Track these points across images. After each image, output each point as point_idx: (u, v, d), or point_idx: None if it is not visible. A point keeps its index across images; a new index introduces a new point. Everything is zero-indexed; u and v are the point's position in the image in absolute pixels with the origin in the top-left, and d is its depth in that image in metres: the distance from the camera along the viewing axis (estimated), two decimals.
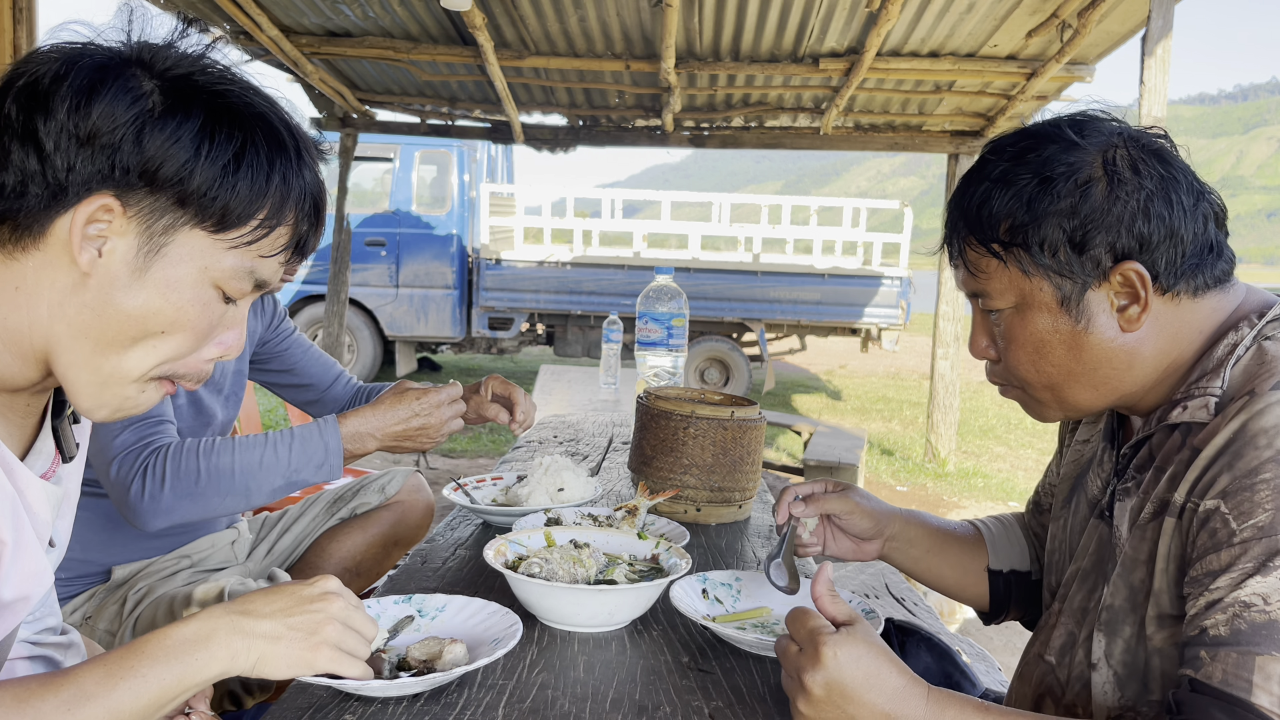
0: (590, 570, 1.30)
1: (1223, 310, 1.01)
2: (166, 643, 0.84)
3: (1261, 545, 0.83)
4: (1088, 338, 1.01)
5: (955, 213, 1.06)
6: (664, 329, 2.91)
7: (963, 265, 1.07)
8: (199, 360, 0.91)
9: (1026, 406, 1.12)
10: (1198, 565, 0.88)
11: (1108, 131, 1.00)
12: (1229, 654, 0.82)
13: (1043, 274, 1.00)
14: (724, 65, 5.69)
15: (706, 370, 10.06)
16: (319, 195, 0.93)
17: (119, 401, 0.89)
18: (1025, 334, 1.04)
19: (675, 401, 1.88)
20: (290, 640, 0.89)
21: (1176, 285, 0.98)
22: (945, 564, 1.38)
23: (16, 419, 0.90)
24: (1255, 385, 0.91)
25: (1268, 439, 0.86)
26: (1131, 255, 0.97)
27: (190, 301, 0.86)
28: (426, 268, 9.97)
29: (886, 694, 0.90)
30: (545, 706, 1.03)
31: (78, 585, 1.72)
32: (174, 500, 1.51)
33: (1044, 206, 0.98)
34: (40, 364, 0.87)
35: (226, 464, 1.54)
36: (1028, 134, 1.03)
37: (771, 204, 10.86)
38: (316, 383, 2.11)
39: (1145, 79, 4.07)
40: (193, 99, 0.84)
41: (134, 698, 0.81)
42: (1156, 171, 0.97)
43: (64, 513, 0.98)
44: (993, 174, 1.02)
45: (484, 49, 5.26)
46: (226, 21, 5.43)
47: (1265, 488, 0.85)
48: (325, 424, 1.64)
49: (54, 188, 0.81)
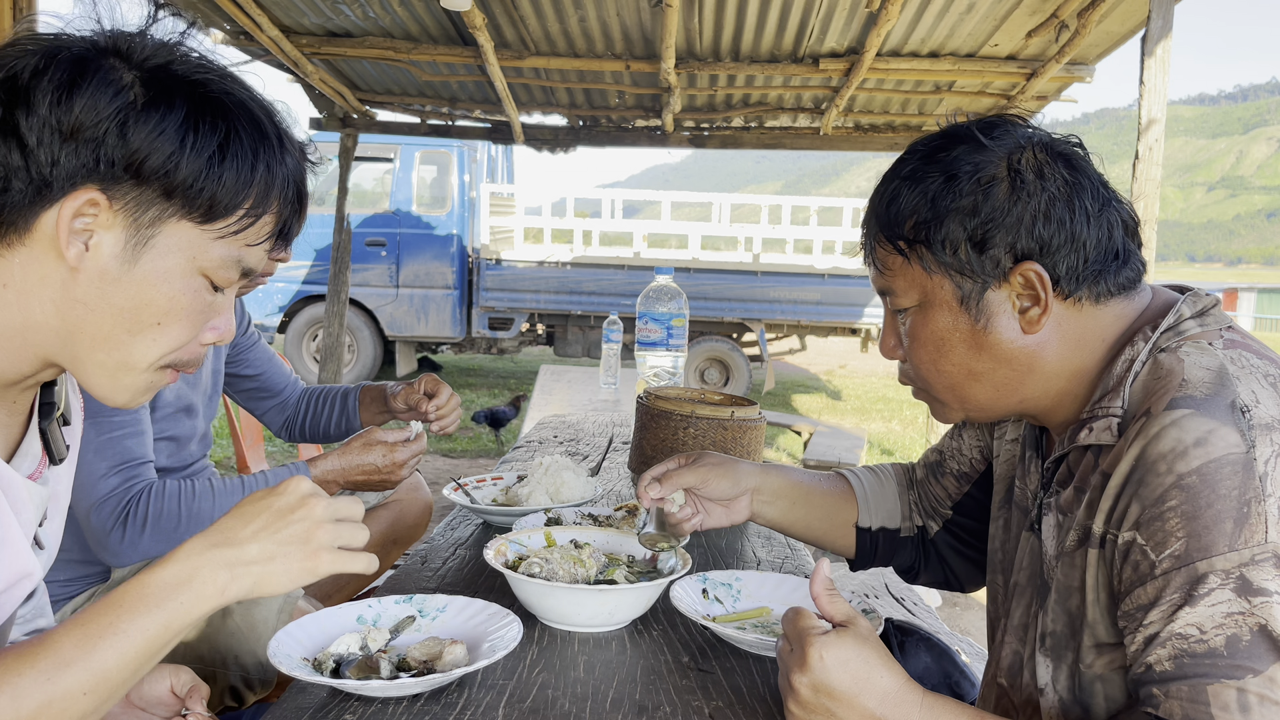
0: (590, 570, 1.30)
1: (1126, 318, 1.01)
2: (145, 592, 0.80)
3: (1182, 575, 0.83)
4: (987, 337, 1.01)
5: (869, 210, 1.08)
6: (664, 329, 2.91)
7: (873, 263, 1.09)
8: (196, 346, 0.91)
9: (932, 408, 1.13)
10: (1127, 600, 0.88)
11: (1019, 136, 1.02)
12: (1180, 688, 0.81)
13: (944, 272, 1.01)
14: (724, 65, 5.69)
15: (706, 370, 10.06)
16: (301, 182, 0.93)
17: (134, 390, 0.89)
18: (927, 332, 1.05)
19: (675, 401, 1.88)
20: (285, 556, 0.85)
21: (1078, 290, 0.99)
22: (812, 515, 1.38)
23: (3, 416, 0.90)
24: (1151, 404, 0.91)
25: (1167, 464, 0.86)
26: (1032, 256, 0.98)
27: (181, 291, 0.86)
28: (427, 268, 9.97)
29: (876, 697, 0.90)
30: (545, 706, 1.03)
31: (77, 585, 1.72)
32: (152, 544, 1.56)
33: (946, 204, 0.99)
34: (34, 360, 0.86)
35: (206, 509, 1.61)
36: (943, 134, 1.04)
37: (771, 204, 10.87)
38: (277, 385, 2.23)
39: (1145, 79, 4.07)
40: (174, 89, 0.83)
41: (118, 655, 0.78)
42: (1061, 176, 0.99)
43: (52, 515, 0.98)
44: (904, 172, 1.04)
45: (484, 49, 5.26)
46: (226, 21, 5.42)
47: (1173, 515, 0.84)
48: (296, 469, 1.73)
49: (38, 182, 0.80)
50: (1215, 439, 0.84)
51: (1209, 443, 0.84)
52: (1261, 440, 0.84)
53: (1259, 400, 0.87)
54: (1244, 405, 0.87)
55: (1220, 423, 0.85)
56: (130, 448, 1.58)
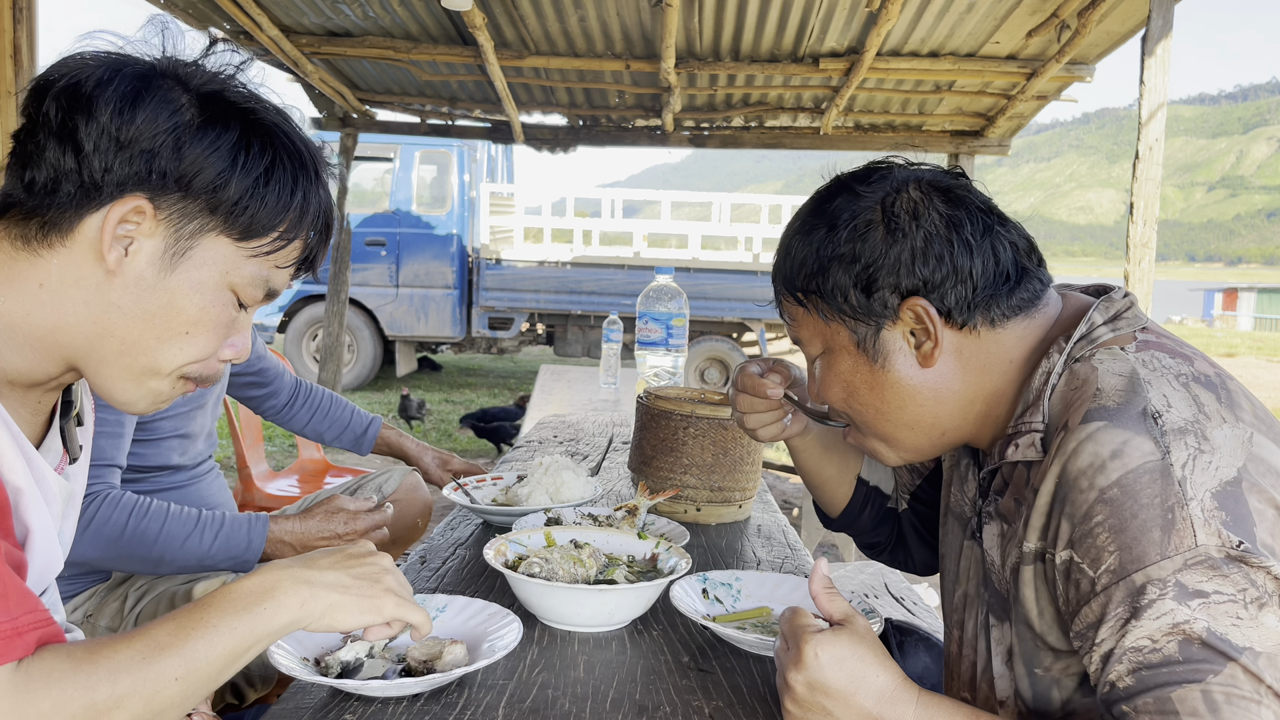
0: (590, 570, 1.30)
1: (1031, 336, 1.02)
2: (232, 596, 0.86)
3: (1121, 589, 0.83)
4: (886, 376, 1.03)
5: (773, 265, 1.12)
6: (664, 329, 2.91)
7: (781, 315, 1.13)
8: (215, 361, 0.95)
9: (869, 453, 1.14)
10: (1076, 620, 0.88)
11: (895, 178, 1.04)
12: (1146, 701, 0.81)
13: (839, 319, 1.04)
14: (724, 65, 5.69)
15: (706, 370, 10.06)
16: (330, 213, 0.99)
17: (153, 397, 0.93)
18: (833, 377, 1.08)
19: (675, 401, 1.88)
20: (358, 589, 0.93)
21: (971, 318, 1.00)
22: (833, 459, 1.39)
23: (28, 415, 0.92)
24: (1069, 416, 0.92)
25: (1088, 480, 0.86)
26: (918, 293, 1.00)
27: (211, 303, 0.91)
28: (426, 267, 9.97)
29: (872, 695, 0.90)
30: (545, 706, 1.03)
31: (79, 584, 1.73)
32: (88, 548, 1.53)
33: (829, 253, 1.02)
34: (61, 361, 0.89)
35: (153, 530, 1.58)
36: (830, 185, 1.08)
37: (771, 204, 10.86)
38: (268, 377, 2.26)
39: (1145, 79, 4.07)
40: (229, 113, 0.89)
41: (208, 647, 0.82)
42: (937, 212, 1.00)
43: (69, 513, 1.00)
44: (796, 225, 1.08)
45: (484, 49, 5.26)
46: (226, 21, 5.43)
47: (1102, 530, 0.85)
48: (255, 521, 1.68)
49: (88, 186, 0.85)
50: (1130, 449, 0.85)
51: (1124, 454, 0.85)
52: (1175, 445, 0.85)
53: (1170, 404, 0.88)
54: (1155, 411, 0.87)
55: (1134, 432, 0.86)
56: (102, 447, 1.56)
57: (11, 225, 0.87)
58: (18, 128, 0.88)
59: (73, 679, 0.76)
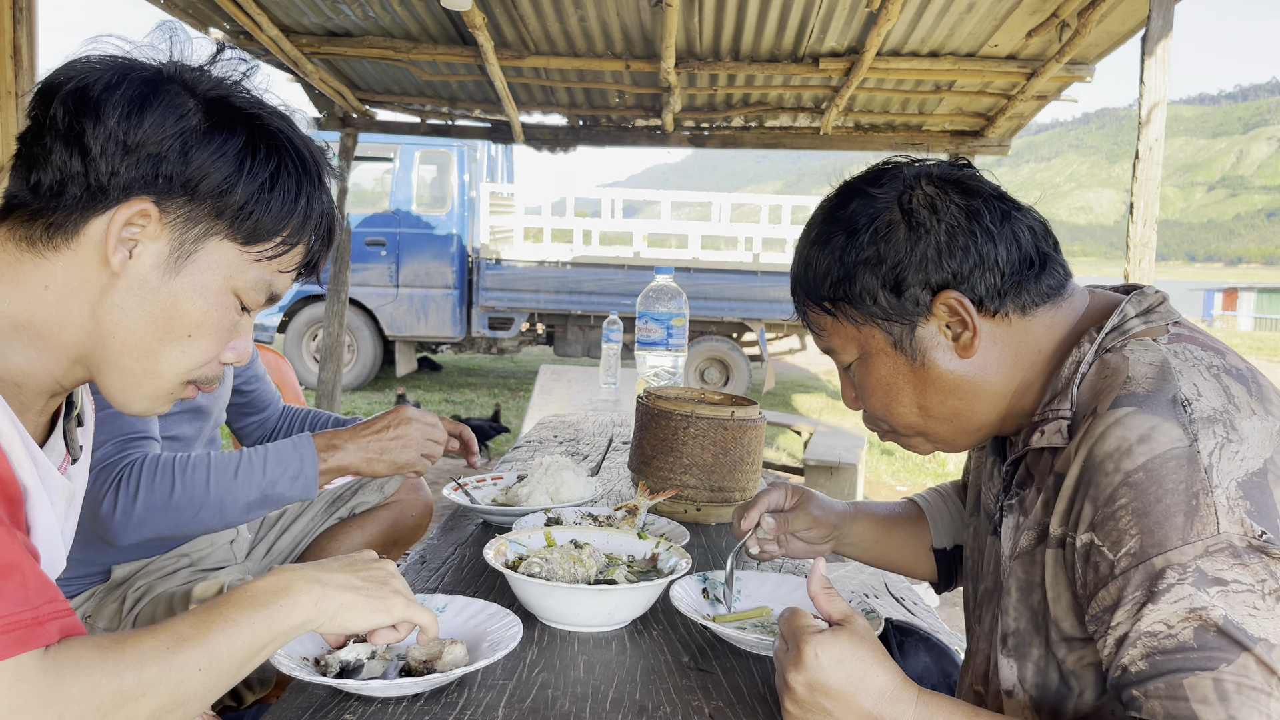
0: (590, 570, 1.30)
1: (1059, 326, 1.03)
2: (249, 594, 0.89)
3: (1140, 572, 0.83)
4: (928, 372, 1.04)
5: (791, 279, 1.12)
6: (664, 329, 2.91)
7: (809, 327, 1.13)
8: (217, 364, 0.96)
9: (904, 446, 1.15)
10: (1093, 603, 0.88)
11: (906, 176, 1.04)
12: (1157, 686, 0.81)
13: (871, 322, 1.04)
14: (724, 65, 5.68)
15: (706, 370, 10.06)
16: (333, 218, 1.00)
17: (154, 399, 0.94)
18: (873, 381, 1.08)
19: (675, 401, 1.88)
20: (368, 591, 0.97)
21: (1003, 305, 1.01)
22: (893, 550, 1.40)
23: (32, 416, 0.93)
24: (1098, 403, 0.92)
25: (1114, 463, 0.86)
26: (948, 286, 1.00)
27: (214, 306, 0.92)
28: (426, 267, 9.97)
29: (872, 695, 0.90)
30: (545, 706, 1.03)
31: (78, 585, 1.72)
32: (145, 513, 1.49)
33: (853, 259, 1.02)
34: (69, 362, 0.90)
35: (201, 477, 1.53)
36: (838, 192, 1.08)
37: (771, 204, 10.86)
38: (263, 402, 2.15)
39: (1145, 79, 4.07)
40: (235, 118, 0.90)
41: (229, 640, 0.85)
42: (955, 204, 1.01)
43: (70, 513, 1.00)
44: (811, 236, 1.08)
45: (484, 49, 5.26)
46: (226, 21, 5.42)
47: (1125, 514, 0.85)
48: (300, 438, 1.64)
49: (94, 189, 0.85)
50: (1158, 435, 0.85)
51: (1152, 439, 0.85)
52: (1204, 433, 0.85)
53: (1200, 393, 0.88)
54: (1185, 399, 0.87)
55: (1162, 418, 0.86)
56: (130, 422, 1.53)
57: (16, 227, 0.87)
58: (23, 130, 0.88)
59: (100, 666, 0.77)
